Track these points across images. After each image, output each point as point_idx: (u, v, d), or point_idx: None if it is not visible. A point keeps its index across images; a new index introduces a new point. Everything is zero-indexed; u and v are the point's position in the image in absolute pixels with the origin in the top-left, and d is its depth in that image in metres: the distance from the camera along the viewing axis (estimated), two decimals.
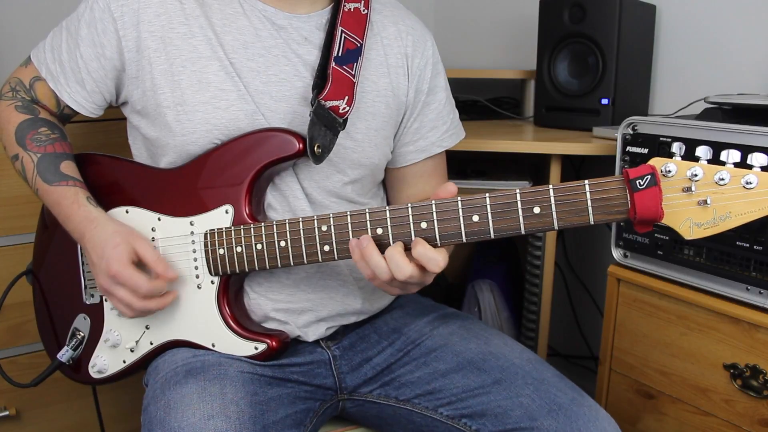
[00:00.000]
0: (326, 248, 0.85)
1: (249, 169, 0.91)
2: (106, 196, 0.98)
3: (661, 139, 1.05)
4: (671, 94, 1.50)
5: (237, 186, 0.92)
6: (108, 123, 1.27)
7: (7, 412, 1.29)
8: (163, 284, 0.89)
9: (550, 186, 0.76)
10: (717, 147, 0.84)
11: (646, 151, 1.07)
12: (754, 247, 0.95)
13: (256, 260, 0.89)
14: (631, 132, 1.10)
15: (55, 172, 0.95)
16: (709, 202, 0.70)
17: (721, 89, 1.38)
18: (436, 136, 1.06)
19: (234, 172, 0.92)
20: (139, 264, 0.90)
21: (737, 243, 0.97)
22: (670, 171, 0.71)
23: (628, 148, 1.10)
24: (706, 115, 1.07)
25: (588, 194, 0.74)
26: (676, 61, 1.49)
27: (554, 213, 0.75)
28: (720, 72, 1.41)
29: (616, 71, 1.40)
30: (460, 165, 1.51)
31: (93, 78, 0.95)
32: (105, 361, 1.00)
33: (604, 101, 1.42)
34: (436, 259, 0.79)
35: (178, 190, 0.95)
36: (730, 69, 1.39)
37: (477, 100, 1.79)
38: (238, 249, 0.90)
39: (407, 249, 0.81)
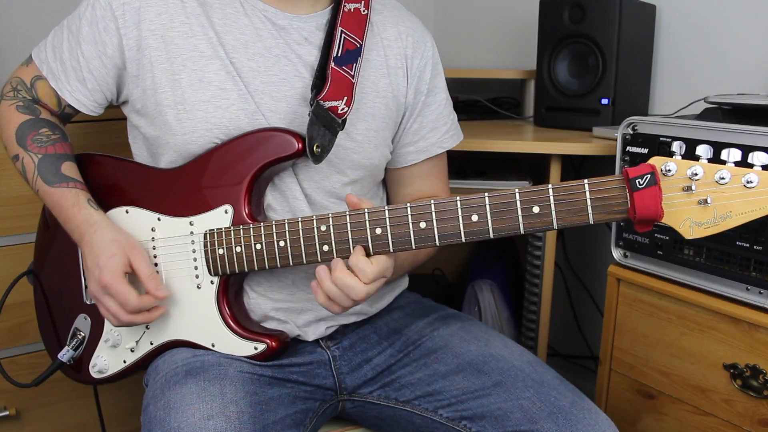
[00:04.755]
0: (325, 248, 0.85)
1: (248, 168, 0.91)
2: (106, 196, 0.98)
3: (661, 139, 1.05)
4: (671, 94, 1.50)
5: (236, 186, 0.92)
6: (108, 123, 1.27)
7: (7, 412, 1.29)
8: (151, 300, 0.90)
9: (550, 185, 0.75)
10: (717, 146, 0.83)
11: (646, 151, 1.07)
12: (754, 247, 0.95)
13: (255, 260, 0.89)
14: (631, 132, 1.09)
15: (55, 173, 0.95)
16: (709, 201, 0.70)
17: (721, 89, 1.38)
18: (437, 136, 1.07)
19: (233, 171, 0.92)
20: (133, 275, 0.90)
21: (737, 243, 0.97)
22: (670, 170, 0.71)
23: (628, 148, 1.10)
24: (706, 115, 1.07)
25: (587, 194, 0.74)
26: (676, 61, 1.49)
27: (553, 212, 0.75)
28: (720, 72, 1.41)
29: (616, 71, 1.39)
30: (460, 165, 1.51)
31: (94, 76, 0.95)
32: (105, 361, 1.00)
33: (604, 101, 1.41)
34: (354, 287, 0.81)
35: (178, 190, 0.95)
36: (730, 69, 1.39)
37: (477, 100, 1.79)
38: (238, 249, 0.90)
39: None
